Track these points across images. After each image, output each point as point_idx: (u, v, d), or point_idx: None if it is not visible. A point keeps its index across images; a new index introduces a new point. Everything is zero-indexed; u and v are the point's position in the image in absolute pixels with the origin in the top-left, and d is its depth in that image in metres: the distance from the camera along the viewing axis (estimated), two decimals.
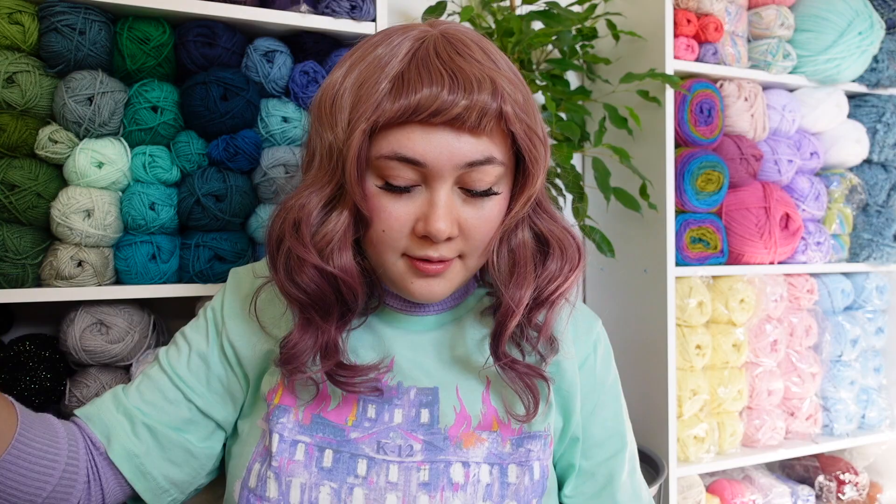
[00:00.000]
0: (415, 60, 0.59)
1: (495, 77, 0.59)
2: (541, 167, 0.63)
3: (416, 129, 0.58)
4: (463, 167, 0.60)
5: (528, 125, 0.62)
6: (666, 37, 1.35)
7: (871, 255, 1.57)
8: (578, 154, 1.43)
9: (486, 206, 0.63)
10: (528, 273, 0.65)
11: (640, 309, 1.44)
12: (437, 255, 0.62)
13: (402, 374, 0.70)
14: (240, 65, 1.06)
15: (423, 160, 0.59)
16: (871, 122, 1.60)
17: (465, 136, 0.59)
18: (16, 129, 0.93)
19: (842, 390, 1.58)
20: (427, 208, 0.61)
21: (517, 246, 0.66)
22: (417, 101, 0.57)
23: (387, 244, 0.63)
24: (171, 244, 1.03)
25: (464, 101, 0.57)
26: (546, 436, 0.70)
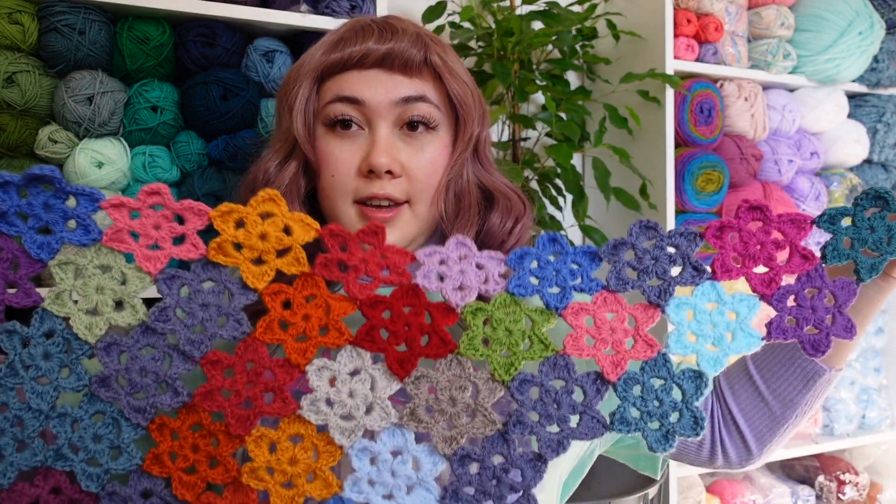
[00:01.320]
0: (351, 28, 0.68)
1: (420, 31, 0.68)
2: (472, 111, 0.69)
3: (353, 73, 0.66)
4: (398, 103, 0.66)
5: (456, 73, 0.68)
6: (666, 37, 1.35)
7: None
8: (578, 154, 1.43)
9: (425, 146, 0.68)
10: (472, 217, 0.69)
11: None
12: (382, 192, 0.65)
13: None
14: (240, 65, 1.06)
15: (360, 97, 0.65)
16: (871, 122, 1.60)
17: (398, 76, 0.66)
18: (16, 129, 0.93)
19: (842, 390, 1.58)
20: (369, 146, 0.66)
21: (461, 192, 0.69)
22: (350, 51, 0.65)
23: (337, 189, 0.67)
24: None
25: (390, 44, 0.65)
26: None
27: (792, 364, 0.68)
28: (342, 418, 0.49)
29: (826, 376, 0.67)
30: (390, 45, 0.65)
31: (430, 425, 0.49)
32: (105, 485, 0.50)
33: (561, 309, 0.50)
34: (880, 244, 0.51)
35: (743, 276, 0.51)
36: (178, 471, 0.50)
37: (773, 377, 0.69)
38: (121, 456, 0.50)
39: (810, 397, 0.68)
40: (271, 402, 0.50)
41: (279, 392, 0.50)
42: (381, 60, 0.65)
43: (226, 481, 0.50)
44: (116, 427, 0.50)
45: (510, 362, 0.49)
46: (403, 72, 0.66)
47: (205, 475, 0.50)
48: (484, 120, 0.72)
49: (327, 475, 0.50)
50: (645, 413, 0.50)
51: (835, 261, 0.52)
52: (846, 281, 0.52)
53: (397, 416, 0.50)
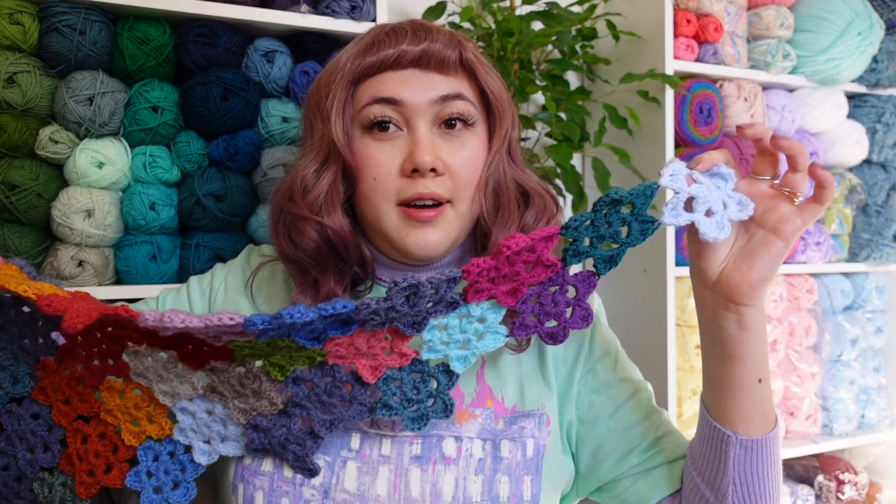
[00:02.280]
0: (383, 31, 0.68)
1: (452, 31, 0.69)
2: (507, 107, 0.71)
3: (388, 74, 0.67)
4: (437, 102, 0.66)
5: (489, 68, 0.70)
6: (666, 37, 1.35)
7: (870, 255, 1.58)
8: (578, 154, 1.43)
9: (465, 143, 0.68)
10: (513, 213, 0.69)
11: (640, 309, 1.45)
12: (427, 191, 0.65)
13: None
14: (240, 65, 1.06)
15: (399, 97, 0.66)
16: (870, 122, 1.60)
17: (434, 74, 0.67)
18: (16, 130, 0.93)
19: (841, 390, 1.58)
20: (411, 146, 0.66)
21: (500, 188, 0.70)
22: (385, 53, 0.66)
23: (379, 192, 0.67)
24: (172, 244, 1.03)
25: (425, 44, 0.66)
26: (541, 414, 0.69)
27: (708, 442, 0.62)
28: (163, 387, 0.62)
29: (733, 442, 0.60)
30: (425, 45, 0.66)
31: (227, 400, 0.62)
32: (5, 404, 0.64)
33: (321, 345, 0.60)
34: (617, 235, 0.57)
35: (491, 295, 0.60)
36: (57, 402, 0.64)
37: (702, 465, 0.64)
38: (17, 384, 0.64)
39: (735, 475, 0.60)
40: (113, 365, 0.62)
41: (118, 362, 0.62)
42: (418, 60, 0.66)
43: (90, 414, 0.64)
44: (15, 361, 0.64)
45: (284, 366, 0.61)
46: (439, 70, 0.67)
47: (76, 407, 0.64)
48: (514, 120, 0.73)
49: (162, 421, 0.63)
50: (405, 400, 0.62)
51: (574, 260, 0.59)
52: (586, 273, 0.60)
53: (203, 389, 0.62)
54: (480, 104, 0.70)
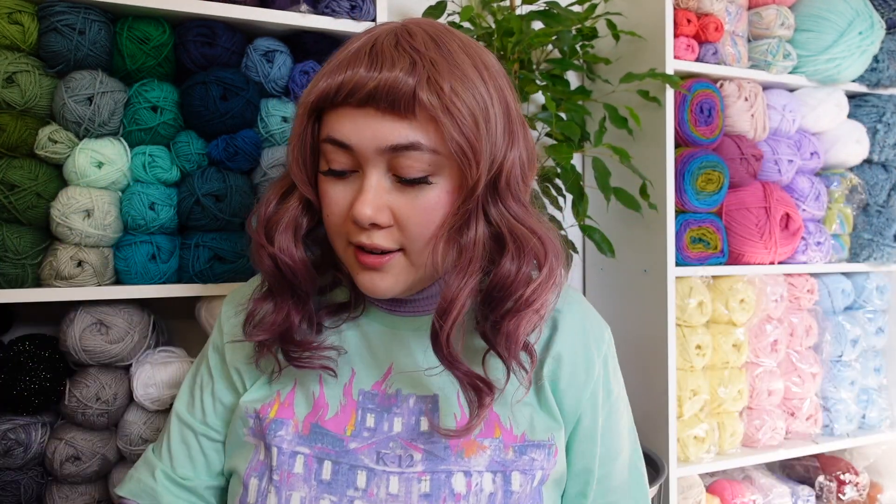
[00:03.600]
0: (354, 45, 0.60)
1: (419, 59, 0.57)
2: (473, 158, 0.58)
3: (347, 111, 0.59)
4: (387, 151, 0.58)
5: (457, 111, 0.57)
6: (666, 37, 1.35)
7: (871, 255, 1.57)
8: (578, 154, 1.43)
9: (419, 195, 0.59)
10: (472, 264, 0.59)
11: (640, 309, 1.44)
12: (369, 242, 0.60)
13: (401, 380, 0.69)
14: (240, 65, 1.06)
15: (348, 142, 0.59)
16: (871, 122, 1.60)
17: (389, 118, 0.57)
18: (16, 129, 0.93)
19: (842, 390, 1.57)
20: (356, 193, 0.60)
21: (466, 244, 0.60)
22: (340, 81, 0.58)
23: (333, 230, 0.64)
24: (171, 244, 1.03)
25: (378, 75, 0.56)
26: (550, 445, 0.68)
27: None
28: None
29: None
30: (378, 79, 0.56)
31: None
32: None
33: None
34: None
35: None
36: None
37: None
38: None
39: None
40: None
41: None
42: (372, 97, 0.57)
43: None
44: None
45: None
46: (393, 111, 0.57)
47: None
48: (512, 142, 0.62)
49: None
50: None
51: None
52: None
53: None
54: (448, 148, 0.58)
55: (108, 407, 1.00)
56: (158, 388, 1.01)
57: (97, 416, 0.99)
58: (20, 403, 0.97)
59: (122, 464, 1.04)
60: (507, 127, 0.62)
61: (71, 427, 1.01)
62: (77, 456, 0.99)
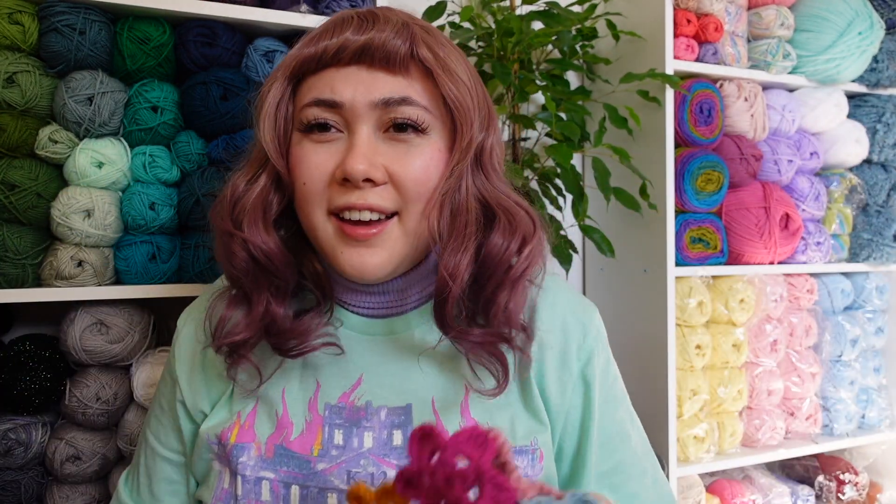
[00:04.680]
0: (332, 20, 0.60)
1: (409, 22, 0.59)
2: (470, 114, 0.60)
3: (332, 72, 0.58)
4: (379, 105, 0.57)
5: (452, 70, 0.59)
6: (666, 37, 1.35)
7: (870, 255, 1.57)
8: (578, 154, 1.43)
9: (414, 149, 0.59)
10: (468, 237, 0.59)
11: (640, 309, 1.44)
12: (361, 201, 0.57)
13: (371, 392, 0.64)
14: (240, 65, 1.06)
15: (338, 99, 0.57)
16: (870, 122, 1.60)
17: (379, 73, 0.58)
18: (16, 129, 0.93)
19: (842, 390, 1.57)
20: (347, 150, 0.58)
21: (458, 207, 0.59)
22: (325, 44, 0.58)
23: (309, 199, 0.59)
24: (171, 244, 1.03)
25: (370, 34, 0.57)
26: (534, 450, 0.64)
27: None
28: None
29: None
30: (369, 36, 0.56)
31: None
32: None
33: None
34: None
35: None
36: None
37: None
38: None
39: None
40: None
41: None
42: (360, 55, 0.57)
43: None
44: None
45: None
46: (385, 68, 0.57)
47: None
48: (490, 125, 0.63)
49: None
50: None
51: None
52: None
53: None
54: (440, 108, 0.60)
55: (109, 407, 1.00)
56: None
57: (97, 415, 0.99)
58: (20, 403, 0.97)
59: (121, 464, 1.04)
60: (487, 110, 0.63)
61: (71, 427, 1.01)
62: (77, 456, 0.99)
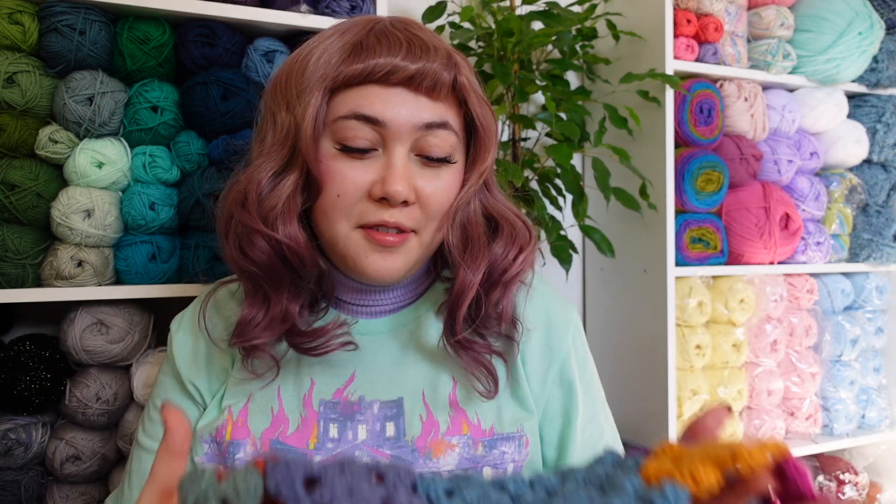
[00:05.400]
0: (372, 32, 0.61)
1: (450, 49, 0.63)
2: (493, 140, 0.65)
3: (374, 88, 0.60)
4: (420, 128, 0.61)
5: (482, 97, 0.64)
6: (666, 37, 1.35)
7: (870, 255, 1.57)
8: (578, 154, 1.43)
9: (442, 174, 0.63)
10: (482, 251, 0.65)
11: (640, 309, 1.44)
12: (393, 220, 0.61)
13: (364, 387, 0.67)
14: (240, 65, 1.06)
15: (381, 118, 0.59)
16: (870, 122, 1.60)
17: (423, 98, 0.61)
18: (16, 129, 0.93)
19: (841, 390, 1.58)
20: (385, 171, 0.60)
21: (469, 222, 0.65)
22: (375, 62, 0.59)
23: (341, 211, 0.61)
24: (171, 244, 1.03)
25: (421, 63, 0.59)
26: (520, 436, 0.68)
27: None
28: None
29: None
30: (421, 66, 0.59)
31: None
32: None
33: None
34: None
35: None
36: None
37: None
38: None
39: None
40: None
41: None
42: (409, 80, 0.59)
43: None
44: None
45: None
46: (429, 94, 0.61)
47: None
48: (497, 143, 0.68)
49: None
50: None
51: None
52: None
53: None
54: (462, 130, 0.65)
55: (109, 407, 1.00)
56: None
57: (97, 415, 0.99)
58: (21, 403, 0.97)
59: (122, 464, 1.04)
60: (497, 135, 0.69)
61: (71, 427, 1.01)
62: (77, 456, 0.99)
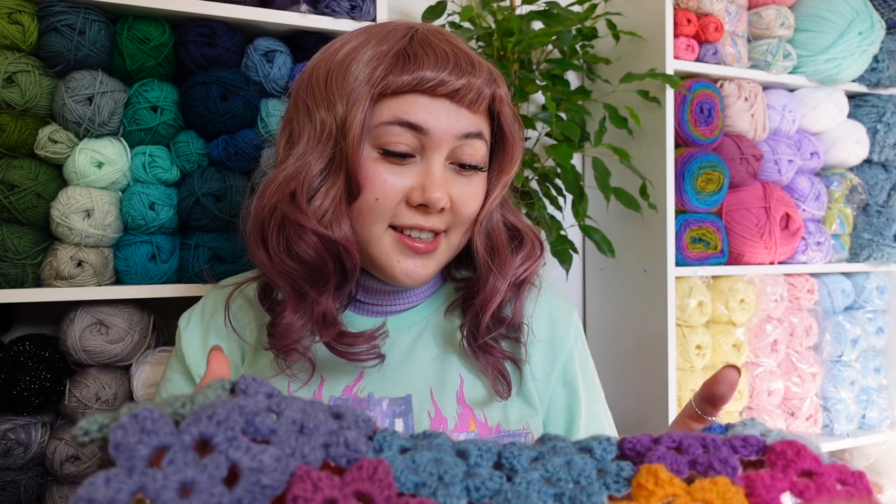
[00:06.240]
0: (415, 40, 0.64)
1: (490, 66, 0.67)
2: (520, 151, 0.70)
3: (419, 97, 0.62)
4: (460, 137, 0.64)
5: (513, 109, 0.69)
6: (666, 37, 1.35)
7: (871, 255, 1.57)
8: (578, 154, 1.43)
9: (473, 181, 0.67)
10: (508, 255, 0.69)
11: (640, 309, 1.44)
12: (428, 224, 0.64)
13: (373, 384, 0.69)
14: (240, 65, 1.06)
15: (425, 126, 0.62)
16: (871, 122, 1.60)
17: (464, 110, 0.64)
18: (16, 129, 0.93)
19: (842, 390, 1.57)
20: (424, 178, 0.63)
21: (493, 230, 0.69)
22: (423, 74, 0.61)
23: (377, 214, 0.63)
24: (171, 244, 1.03)
25: (467, 78, 0.62)
26: (526, 433, 0.70)
27: None
28: None
29: None
30: (466, 81, 0.62)
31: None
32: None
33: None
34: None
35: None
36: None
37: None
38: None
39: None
40: None
41: None
42: (454, 93, 0.63)
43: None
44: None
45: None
46: (469, 106, 0.64)
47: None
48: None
49: None
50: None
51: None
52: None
53: None
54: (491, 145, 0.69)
55: (108, 407, 1.00)
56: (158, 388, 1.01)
57: None
58: (20, 403, 0.97)
59: None
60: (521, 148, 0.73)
61: (71, 427, 1.01)
62: (77, 456, 0.99)
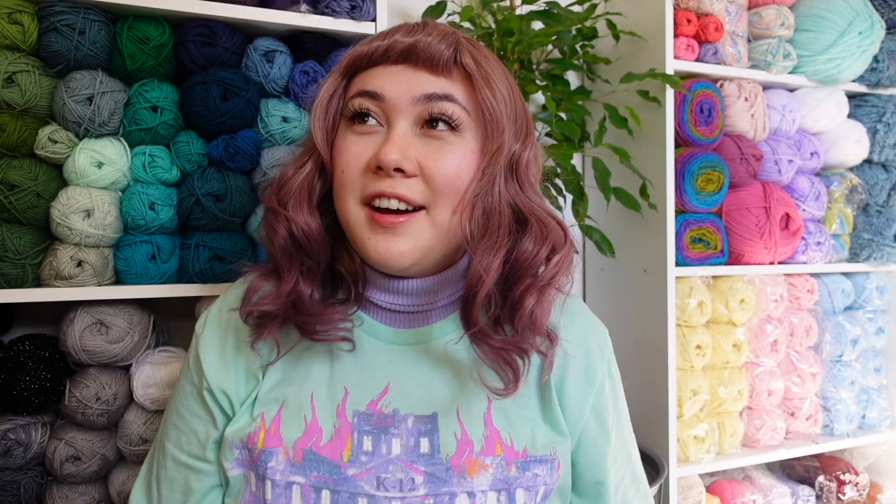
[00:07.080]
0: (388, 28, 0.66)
1: (456, 32, 0.65)
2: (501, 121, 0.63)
3: (379, 68, 0.64)
4: (421, 100, 0.62)
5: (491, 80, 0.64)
6: (666, 37, 1.35)
7: (871, 255, 1.57)
8: (578, 154, 1.43)
9: (445, 146, 0.63)
10: (500, 238, 0.62)
11: (640, 309, 1.44)
12: (392, 190, 0.61)
13: (398, 399, 0.67)
14: (240, 65, 1.06)
15: (381, 91, 0.62)
16: (871, 122, 1.60)
17: (423, 73, 0.63)
18: (16, 129, 0.93)
19: (842, 390, 1.57)
20: (381, 144, 0.62)
21: (493, 211, 0.62)
22: (377, 45, 0.63)
23: (346, 187, 0.64)
24: (171, 244, 1.03)
25: (417, 37, 0.62)
26: (552, 459, 0.67)
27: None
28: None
29: None
30: (415, 39, 0.62)
31: None
32: None
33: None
34: None
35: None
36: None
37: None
38: None
39: None
40: None
41: None
42: (407, 55, 0.62)
43: None
44: None
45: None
46: (429, 69, 0.62)
47: None
48: (527, 139, 0.67)
49: None
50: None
51: None
52: None
53: None
54: (478, 113, 0.64)
55: (108, 407, 1.00)
56: (158, 388, 1.01)
57: (97, 416, 0.99)
58: (20, 403, 0.97)
59: (121, 464, 1.04)
60: (524, 124, 0.67)
61: (71, 427, 1.01)
62: (77, 456, 0.99)
